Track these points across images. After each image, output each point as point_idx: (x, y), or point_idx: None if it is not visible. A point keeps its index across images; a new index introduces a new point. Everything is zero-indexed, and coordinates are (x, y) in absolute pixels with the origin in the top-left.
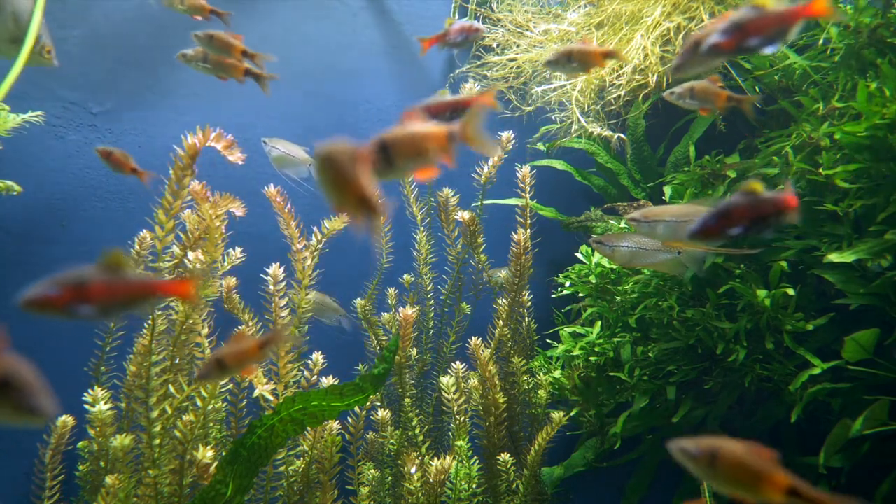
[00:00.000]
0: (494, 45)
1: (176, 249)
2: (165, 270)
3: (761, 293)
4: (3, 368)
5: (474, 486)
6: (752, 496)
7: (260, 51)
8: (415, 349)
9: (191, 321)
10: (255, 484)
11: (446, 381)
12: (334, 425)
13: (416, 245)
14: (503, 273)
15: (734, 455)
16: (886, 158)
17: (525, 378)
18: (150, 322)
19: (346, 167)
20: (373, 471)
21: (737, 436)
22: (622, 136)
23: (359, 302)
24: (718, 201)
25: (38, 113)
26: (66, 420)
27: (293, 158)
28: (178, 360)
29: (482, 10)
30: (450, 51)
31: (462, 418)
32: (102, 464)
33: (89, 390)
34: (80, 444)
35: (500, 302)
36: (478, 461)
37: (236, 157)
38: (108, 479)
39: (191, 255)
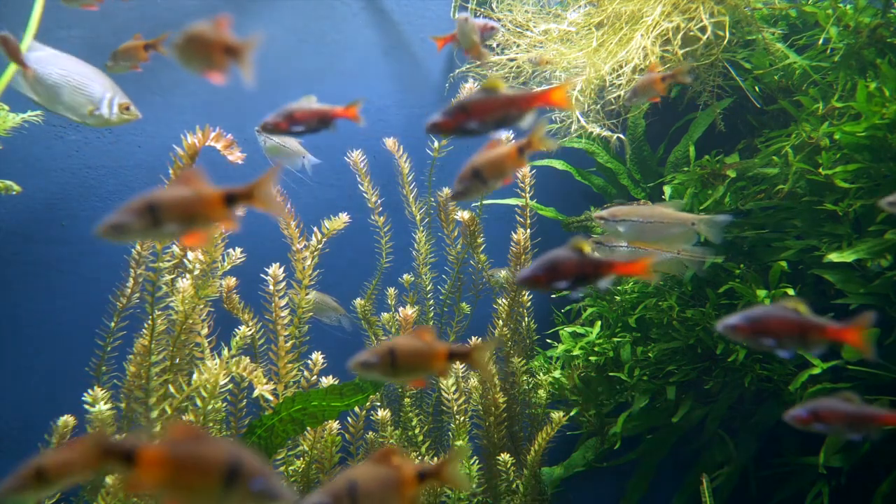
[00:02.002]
0: (494, 45)
1: (176, 249)
2: (165, 270)
3: (761, 293)
4: (230, 456)
5: (474, 485)
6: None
7: (259, 51)
8: None
9: (190, 321)
10: None
11: (446, 381)
12: (334, 425)
13: (415, 245)
14: (503, 273)
15: (407, 347)
16: (886, 158)
17: (525, 378)
18: (149, 322)
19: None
20: None
21: (737, 436)
22: (622, 136)
23: (358, 302)
24: (547, 255)
25: (38, 112)
26: (68, 420)
27: (287, 149)
28: (177, 361)
29: (482, 10)
30: (450, 51)
31: (462, 418)
32: None
33: (89, 390)
34: None
35: (499, 302)
36: (478, 461)
37: (236, 156)
38: (108, 479)
39: (190, 255)
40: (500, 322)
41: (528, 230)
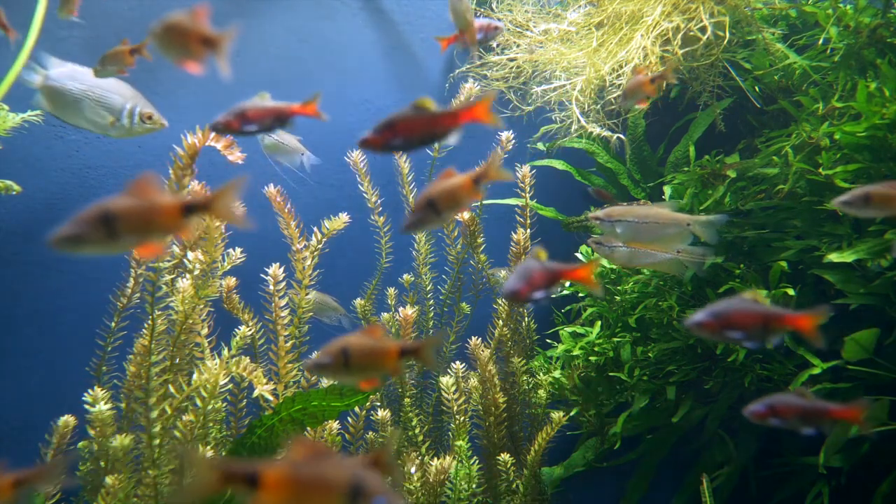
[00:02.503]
0: (494, 45)
1: (176, 249)
2: (165, 270)
3: (761, 293)
4: (353, 476)
5: (474, 486)
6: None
7: (259, 51)
8: None
9: (190, 321)
10: None
11: (446, 381)
12: (334, 425)
13: (415, 245)
14: (503, 273)
15: (360, 345)
16: (886, 158)
17: (525, 378)
18: (149, 322)
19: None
20: None
21: (737, 436)
22: (622, 136)
23: (358, 302)
24: (518, 267)
25: (38, 112)
26: (68, 420)
27: (285, 146)
28: (177, 361)
29: (482, 10)
30: (450, 51)
31: (462, 418)
32: (102, 463)
33: (89, 390)
34: (80, 444)
35: (499, 302)
36: (477, 461)
37: (236, 156)
38: (108, 479)
39: (190, 255)
40: (500, 322)
41: (528, 230)
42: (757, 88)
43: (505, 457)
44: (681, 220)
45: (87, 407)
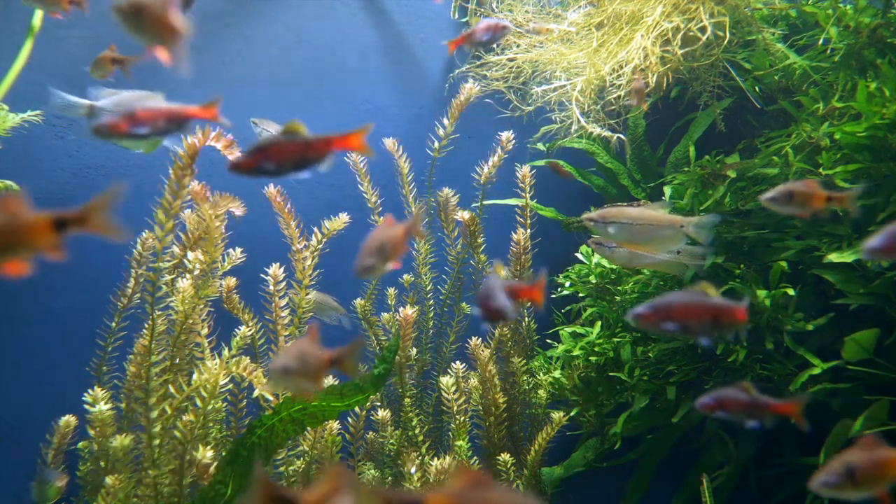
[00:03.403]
0: (494, 45)
1: (176, 249)
2: (165, 270)
3: (761, 293)
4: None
5: None
6: None
7: (259, 51)
8: (415, 349)
9: (190, 321)
10: None
11: (446, 381)
12: (334, 425)
13: (415, 245)
14: (504, 272)
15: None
16: (886, 158)
17: (525, 378)
18: (150, 322)
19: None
20: (373, 471)
21: (737, 436)
22: (622, 136)
23: (358, 302)
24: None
25: (38, 112)
26: (69, 420)
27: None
28: (177, 361)
29: (482, 10)
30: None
31: (462, 418)
32: (102, 464)
33: (89, 390)
34: (80, 445)
35: None
36: (478, 461)
37: (236, 156)
38: (109, 480)
39: (190, 255)
40: (500, 322)
41: (529, 230)
42: (757, 88)
43: (505, 457)
44: (674, 222)
45: (87, 407)
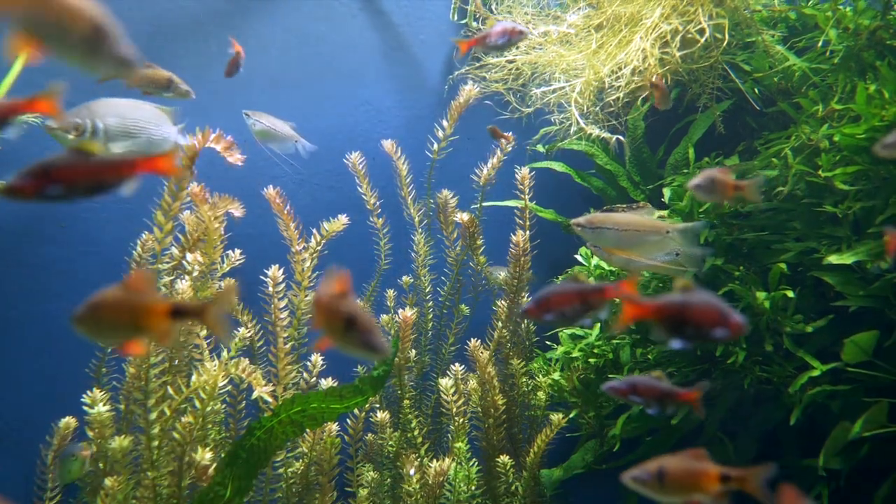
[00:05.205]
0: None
1: (175, 251)
2: (164, 272)
3: (761, 295)
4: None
5: (473, 487)
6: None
7: (259, 52)
8: (414, 351)
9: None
10: (253, 486)
11: (445, 382)
12: (333, 427)
13: (414, 247)
14: (502, 275)
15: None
16: (885, 161)
17: (524, 380)
18: None
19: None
20: (372, 472)
21: (736, 438)
22: (621, 137)
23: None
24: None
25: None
26: (69, 421)
27: (277, 133)
28: (176, 362)
29: (482, 11)
30: (449, 53)
31: (461, 420)
32: (101, 465)
33: (88, 391)
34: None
35: (499, 304)
36: (477, 463)
37: (235, 158)
38: (107, 481)
39: (189, 256)
40: (500, 324)
41: (528, 232)
42: (756, 90)
43: (504, 459)
44: (660, 228)
45: (86, 408)
